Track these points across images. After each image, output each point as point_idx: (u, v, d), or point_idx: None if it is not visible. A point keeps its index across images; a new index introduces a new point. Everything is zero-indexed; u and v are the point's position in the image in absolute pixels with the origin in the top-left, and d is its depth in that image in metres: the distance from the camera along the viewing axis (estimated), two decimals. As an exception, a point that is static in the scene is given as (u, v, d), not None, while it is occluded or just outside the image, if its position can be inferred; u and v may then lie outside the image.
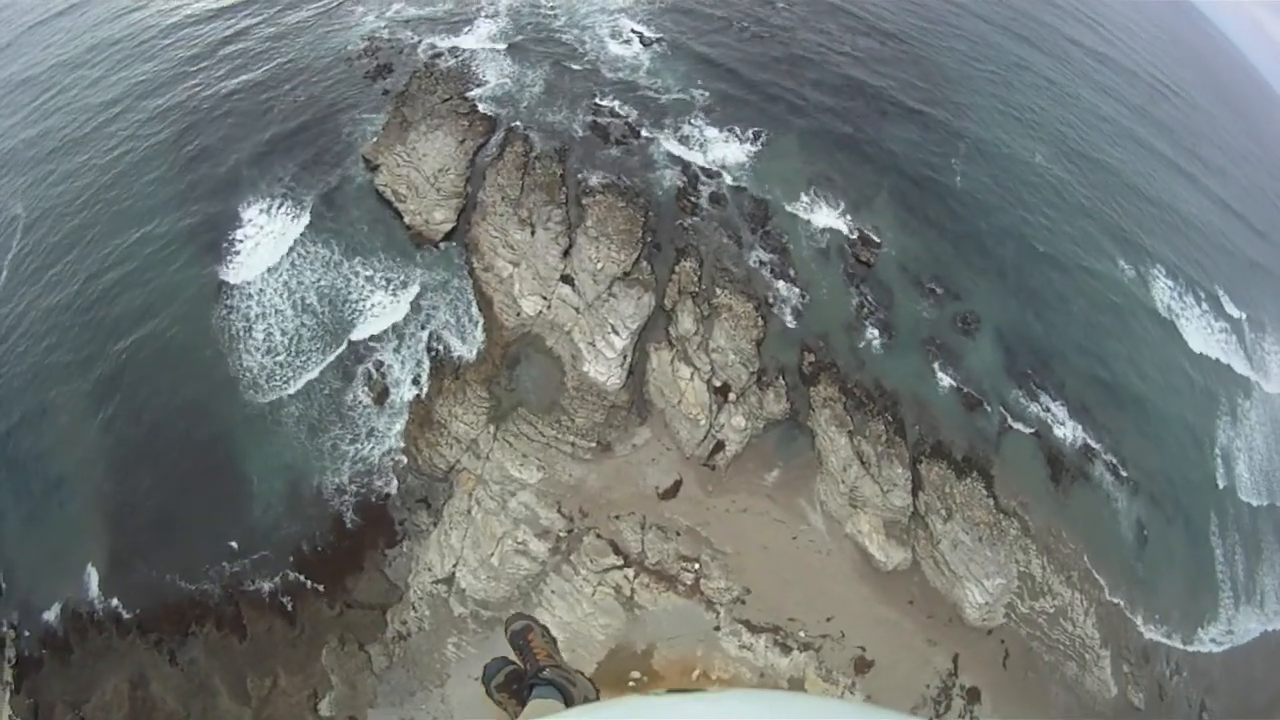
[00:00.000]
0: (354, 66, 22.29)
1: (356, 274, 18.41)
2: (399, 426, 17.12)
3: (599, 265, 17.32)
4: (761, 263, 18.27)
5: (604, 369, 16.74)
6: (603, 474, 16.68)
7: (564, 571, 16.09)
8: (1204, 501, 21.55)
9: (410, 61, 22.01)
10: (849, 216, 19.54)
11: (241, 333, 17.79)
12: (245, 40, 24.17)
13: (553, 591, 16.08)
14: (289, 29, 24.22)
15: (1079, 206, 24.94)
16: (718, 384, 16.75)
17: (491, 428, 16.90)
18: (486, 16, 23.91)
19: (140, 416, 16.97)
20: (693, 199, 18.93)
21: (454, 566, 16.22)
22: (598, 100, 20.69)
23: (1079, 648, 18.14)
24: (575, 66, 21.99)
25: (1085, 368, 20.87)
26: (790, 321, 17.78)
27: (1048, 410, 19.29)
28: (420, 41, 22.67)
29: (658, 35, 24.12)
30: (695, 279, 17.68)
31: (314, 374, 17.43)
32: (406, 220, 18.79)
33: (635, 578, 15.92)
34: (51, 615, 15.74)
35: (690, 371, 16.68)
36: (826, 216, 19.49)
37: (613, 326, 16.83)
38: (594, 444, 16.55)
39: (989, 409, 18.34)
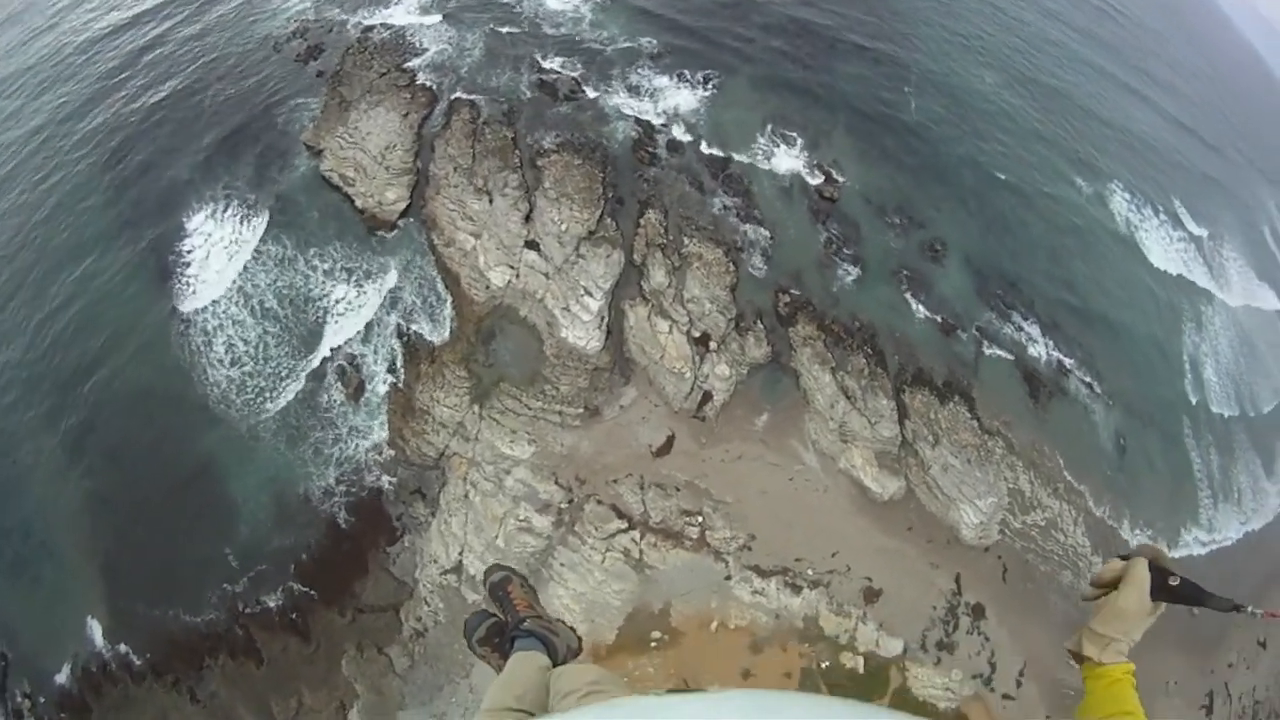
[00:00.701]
0: (283, 52, 22.86)
1: (314, 269, 19.15)
2: (380, 419, 18.09)
3: (563, 227, 18.71)
4: (726, 208, 19.97)
5: (582, 332, 18.20)
6: (594, 439, 18.18)
7: (570, 543, 17.53)
8: (1176, 408, 24.66)
9: (341, 39, 22.71)
10: (808, 154, 21.44)
11: (202, 348, 18.45)
12: (166, 44, 24.54)
13: (562, 564, 17.50)
14: (210, 25, 24.68)
15: (1033, 131, 27.82)
16: (697, 334, 18.45)
17: (476, 407, 18.13)
18: (416, -17, 24.74)
19: (117, 458, 17.74)
20: (650, 149, 20.40)
21: (460, 554, 17.42)
22: (541, 58, 21.96)
23: (1072, 557, 20.85)
24: (514, 28, 23.20)
25: (1052, 290, 23.57)
26: (761, 264, 19.53)
27: (1020, 330, 21.88)
28: (349, 19, 23.50)
29: (595, -13, 25.50)
30: (662, 230, 19.20)
31: (300, 384, 18.23)
32: (358, 204, 19.60)
33: (642, 539, 17.50)
34: (63, 677, 16.51)
35: (668, 325, 18.34)
36: (785, 156, 21.32)
37: (585, 288, 18.30)
38: (581, 410, 18.01)
39: (963, 334, 20.75)
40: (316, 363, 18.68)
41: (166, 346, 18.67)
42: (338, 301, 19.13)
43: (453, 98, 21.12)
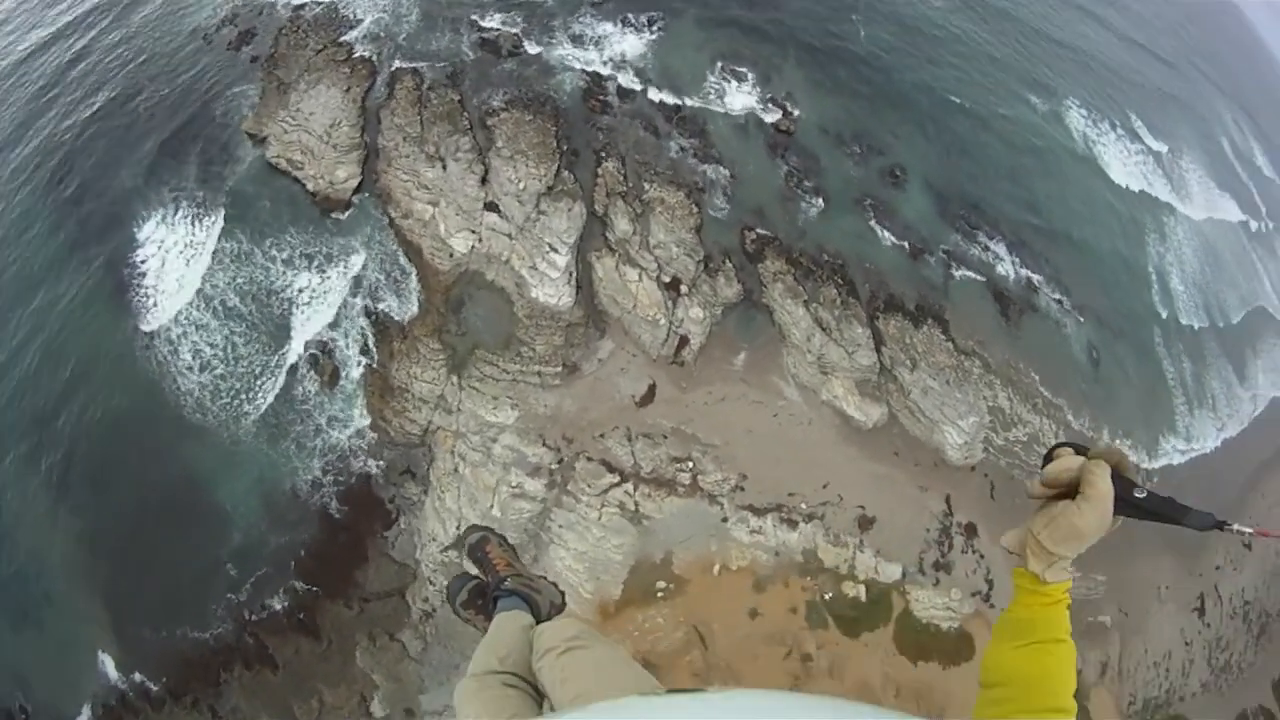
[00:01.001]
0: (214, 43, 22.58)
1: (273, 260, 19.13)
2: (359, 404, 18.34)
3: (520, 185, 18.93)
4: (683, 150, 20.31)
5: (551, 290, 18.53)
6: (576, 396, 18.62)
7: (565, 503, 17.99)
8: (1146, 320, 25.79)
9: (273, 20, 22.43)
10: (760, 90, 21.82)
11: (169, 359, 18.43)
12: (93, 53, 24.07)
13: (560, 526, 17.98)
14: (136, 27, 24.21)
15: (985, 54, 28.52)
16: (667, 279, 18.90)
17: (454, 378, 18.42)
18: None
19: (102, 488, 17.78)
20: (600, 98, 20.61)
21: (457, 529, 17.77)
22: (480, 18, 21.91)
23: (1056, 468, 21.95)
24: (448, -12, 23.15)
25: (1015, 210, 24.38)
26: (723, 203, 19.97)
27: (987, 250, 22.72)
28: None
29: (526, -60, 25.37)
30: (621, 179, 19.51)
31: (274, 380, 18.36)
32: (310, 187, 19.59)
33: (635, 490, 18.02)
34: (84, 718, 16.74)
35: (638, 273, 18.75)
36: (738, 93, 21.68)
37: (550, 245, 18.60)
38: (560, 368, 18.41)
39: (931, 257, 21.52)
40: (289, 355, 18.82)
41: (134, 364, 18.66)
42: (301, 290, 19.18)
43: (393, 67, 21.05)
